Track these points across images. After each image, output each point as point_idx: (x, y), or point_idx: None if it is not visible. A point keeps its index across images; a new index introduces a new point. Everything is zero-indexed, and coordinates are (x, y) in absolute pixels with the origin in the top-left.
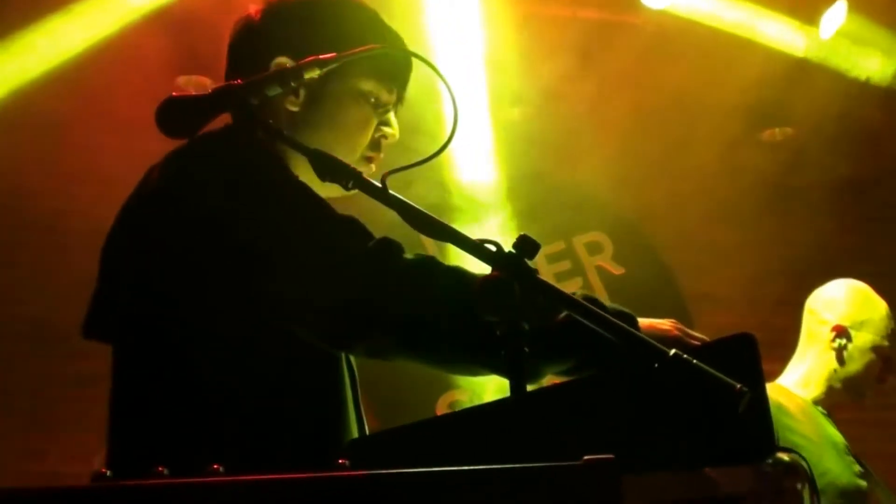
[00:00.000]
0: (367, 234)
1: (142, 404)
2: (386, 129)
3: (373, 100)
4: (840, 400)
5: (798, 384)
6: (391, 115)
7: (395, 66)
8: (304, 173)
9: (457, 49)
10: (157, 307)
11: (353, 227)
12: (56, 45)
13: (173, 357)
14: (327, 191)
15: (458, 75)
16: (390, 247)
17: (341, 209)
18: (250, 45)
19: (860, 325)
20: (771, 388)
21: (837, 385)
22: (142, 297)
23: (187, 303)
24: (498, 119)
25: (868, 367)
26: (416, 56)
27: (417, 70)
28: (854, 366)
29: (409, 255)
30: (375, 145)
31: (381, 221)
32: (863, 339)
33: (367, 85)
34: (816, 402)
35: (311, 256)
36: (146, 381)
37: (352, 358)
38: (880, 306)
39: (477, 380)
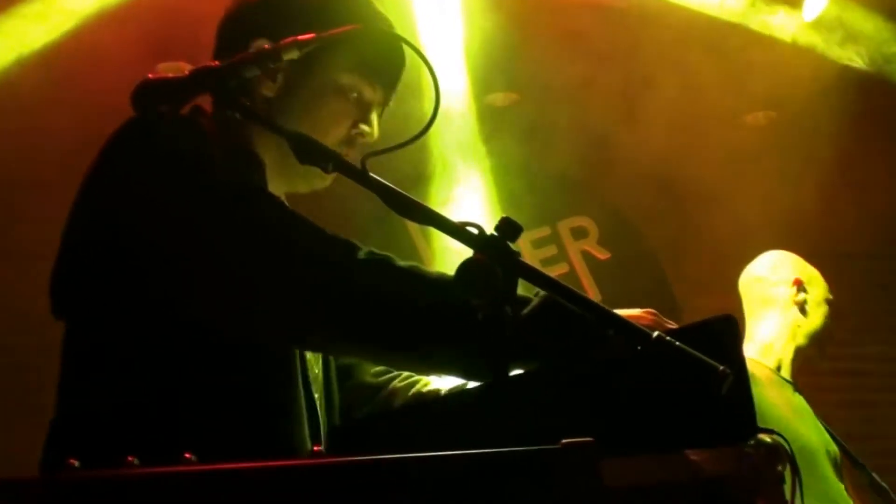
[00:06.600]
0: (318, 232)
1: (97, 389)
2: (363, 128)
3: (354, 95)
4: (804, 360)
5: (761, 353)
6: (373, 115)
7: (379, 60)
8: (276, 158)
9: (440, 33)
10: (98, 289)
11: (303, 226)
12: (34, 30)
13: (126, 340)
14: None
15: (441, 60)
16: (343, 247)
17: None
18: (233, 29)
19: (810, 280)
20: None
21: (803, 341)
22: (85, 278)
23: (127, 286)
24: (483, 104)
25: (825, 320)
26: (399, 37)
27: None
28: (814, 317)
29: (362, 255)
30: (349, 142)
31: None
32: (815, 293)
33: (348, 78)
34: (780, 370)
35: (258, 255)
36: (99, 364)
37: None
38: (813, 268)
39: None
